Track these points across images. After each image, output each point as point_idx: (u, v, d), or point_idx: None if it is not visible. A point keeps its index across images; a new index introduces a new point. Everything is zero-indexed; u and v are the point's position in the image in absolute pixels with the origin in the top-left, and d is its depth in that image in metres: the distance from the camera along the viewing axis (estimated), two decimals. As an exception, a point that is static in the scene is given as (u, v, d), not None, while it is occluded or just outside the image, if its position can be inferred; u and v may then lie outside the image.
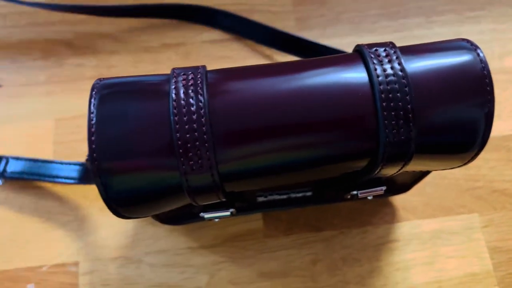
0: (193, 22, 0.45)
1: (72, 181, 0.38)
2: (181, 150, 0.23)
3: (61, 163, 0.39)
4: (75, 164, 0.39)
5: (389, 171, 0.26)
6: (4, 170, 0.39)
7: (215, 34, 0.45)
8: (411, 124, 0.24)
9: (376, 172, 0.26)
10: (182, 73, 0.25)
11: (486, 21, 0.45)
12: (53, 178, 0.39)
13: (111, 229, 0.39)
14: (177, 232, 0.38)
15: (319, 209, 0.39)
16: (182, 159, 0.23)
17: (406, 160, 0.25)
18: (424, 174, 0.34)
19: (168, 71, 0.44)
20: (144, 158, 0.24)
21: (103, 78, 0.26)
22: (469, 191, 0.39)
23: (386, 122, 0.24)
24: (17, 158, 0.39)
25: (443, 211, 0.39)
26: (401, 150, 0.24)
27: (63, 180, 0.38)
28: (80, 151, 0.41)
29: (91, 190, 0.40)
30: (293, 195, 0.37)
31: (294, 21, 0.46)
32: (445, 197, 0.39)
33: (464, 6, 0.46)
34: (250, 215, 0.39)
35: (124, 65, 0.44)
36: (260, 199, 0.36)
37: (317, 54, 0.42)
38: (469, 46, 0.26)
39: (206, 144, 0.23)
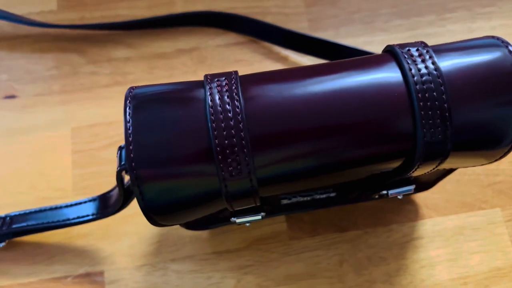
0: (207, 27, 0.45)
1: (87, 218, 0.35)
2: (220, 157, 0.23)
3: (71, 205, 0.36)
4: (85, 202, 0.36)
5: (424, 170, 0.26)
6: (9, 229, 0.36)
7: (229, 38, 0.45)
8: (448, 123, 0.24)
9: (411, 172, 0.26)
10: (215, 79, 0.25)
11: (497, 17, 0.46)
12: (65, 222, 0.36)
13: (135, 237, 0.38)
14: (202, 237, 0.38)
15: (342, 209, 0.39)
16: (221, 165, 0.23)
17: (442, 159, 0.25)
18: (449, 171, 0.34)
19: (184, 77, 0.44)
20: (183, 165, 0.24)
21: (135, 87, 0.26)
22: (490, 186, 0.40)
23: (423, 121, 0.24)
24: (21, 213, 0.36)
25: (465, 207, 0.39)
26: (438, 149, 0.24)
27: (78, 221, 0.35)
28: (99, 160, 0.41)
29: (113, 199, 0.39)
30: (317, 197, 0.37)
31: (307, 22, 0.46)
32: (466, 193, 0.39)
33: (475, 3, 0.46)
34: (274, 218, 0.39)
35: (139, 72, 0.44)
36: (284, 201, 0.36)
37: (334, 54, 0.43)
38: (499, 43, 0.26)
39: (245, 150, 0.23)
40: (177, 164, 0.24)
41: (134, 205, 0.39)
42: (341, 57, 0.36)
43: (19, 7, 0.46)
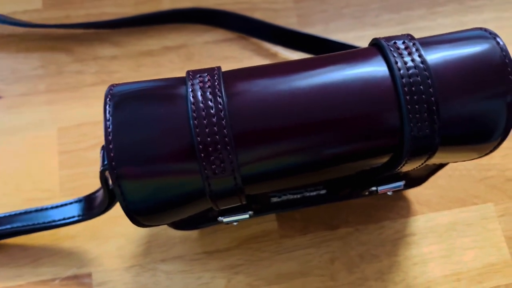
0: (194, 24, 0.45)
1: (72, 220, 0.34)
2: (202, 154, 0.23)
3: (56, 206, 0.35)
4: (71, 203, 0.35)
5: (412, 165, 0.26)
6: None
7: (217, 34, 0.45)
8: (435, 116, 0.23)
9: (399, 167, 0.25)
10: (198, 75, 0.24)
11: (488, 10, 0.45)
12: (50, 224, 0.35)
13: (123, 238, 0.38)
14: (192, 237, 0.38)
15: (333, 207, 0.39)
16: (204, 163, 0.23)
17: (430, 154, 0.25)
18: (440, 166, 0.34)
19: (171, 74, 0.44)
20: (165, 163, 0.23)
21: (116, 84, 0.25)
22: (482, 181, 0.39)
23: (410, 115, 0.23)
24: (6, 215, 0.35)
25: (457, 202, 0.39)
26: (426, 144, 0.24)
27: (63, 222, 0.34)
28: (86, 160, 0.40)
29: (101, 199, 0.39)
30: (307, 194, 0.36)
31: (296, 18, 0.45)
32: (458, 189, 0.39)
33: (466, -4, 0.46)
34: (264, 217, 0.38)
35: (126, 70, 0.43)
36: (274, 199, 0.36)
37: (324, 50, 0.42)
38: (487, 34, 0.25)
39: (228, 147, 0.23)
40: (159, 162, 0.23)
41: (120, 207, 0.39)
42: (331, 52, 0.36)
43: (3, 5, 0.45)
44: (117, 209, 0.38)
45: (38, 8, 0.45)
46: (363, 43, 0.44)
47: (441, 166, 0.34)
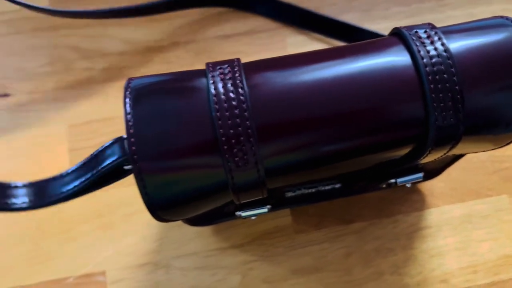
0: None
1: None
2: (225, 147, 0.22)
3: None
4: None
5: (435, 155, 0.25)
6: None
7: (225, 29, 0.44)
8: (459, 105, 0.23)
9: (423, 157, 0.25)
10: (218, 67, 0.24)
11: (497, 1, 0.45)
12: None
13: (136, 235, 0.38)
14: (206, 233, 0.37)
15: (346, 202, 0.38)
16: (227, 156, 0.23)
17: (454, 143, 0.24)
18: (456, 158, 0.33)
19: (180, 70, 0.43)
20: (187, 157, 0.23)
21: (134, 78, 0.25)
22: (496, 173, 0.39)
23: (435, 104, 0.23)
24: None
25: (471, 195, 0.38)
26: (450, 133, 0.24)
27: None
28: (97, 157, 0.40)
29: (114, 198, 0.38)
30: (321, 188, 0.36)
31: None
32: (472, 181, 0.39)
33: (475, -12, 0.46)
34: (278, 212, 0.38)
35: (134, 66, 0.43)
36: (289, 194, 0.36)
37: (351, 37, 0.42)
38: (508, 22, 0.25)
39: (251, 139, 0.23)
40: (181, 156, 0.23)
41: (133, 204, 0.38)
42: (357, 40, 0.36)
43: (10, 3, 0.45)
44: (130, 206, 0.38)
45: (46, 5, 0.45)
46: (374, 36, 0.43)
47: (457, 158, 0.33)
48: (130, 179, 0.39)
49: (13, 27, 0.44)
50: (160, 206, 0.24)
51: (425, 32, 0.24)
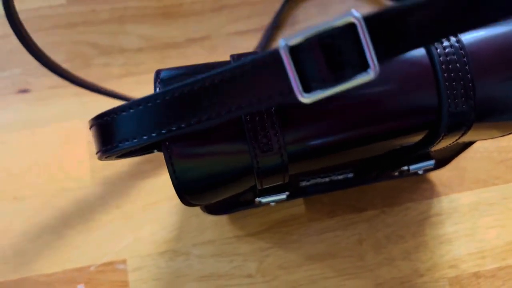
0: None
1: None
2: (251, 133, 0.24)
3: None
4: None
5: (447, 142, 0.27)
6: None
7: (240, 25, 0.46)
8: (471, 93, 0.24)
9: (436, 143, 0.26)
10: (243, 58, 0.25)
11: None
12: None
13: (156, 224, 0.39)
14: (222, 222, 0.39)
15: (358, 191, 0.40)
16: (252, 142, 0.24)
17: (466, 130, 0.26)
18: (465, 146, 0.35)
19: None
20: (215, 143, 0.24)
21: (162, 70, 0.26)
22: (503, 162, 0.40)
23: (448, 92, 0.24)
24: None
25: (479, 183, 0.40)
26: (462, 120, 0.25)
27: None
28: (116, 150, 0.41)
29: (133, 189, 0.40)
30: (334, 178, 0.37)
31: (317, 7, 0.46)
32: (479, 170, 0.40)
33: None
34: (292, 201, 0.40)
35: (152, 62, 0.44)
36: (303, 183, 0.37)
37: None
38: (517, 14, 0.26)
39: (275, 125, 0.24)
40: (210, 141, 0.24)
41: (152, 194, 0.40)
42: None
43: (29, 1, 0.46)
44: (150, 195, 0.40)
45: (63, 3, 0.46)
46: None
47: (465, 147, 0.35)
48: (148, 172, 0.40)
49: (32, 25, 0.46)
50: (189, 191, 0.25)
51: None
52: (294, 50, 0.18)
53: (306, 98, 0.18)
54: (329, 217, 0.39)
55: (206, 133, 0.24)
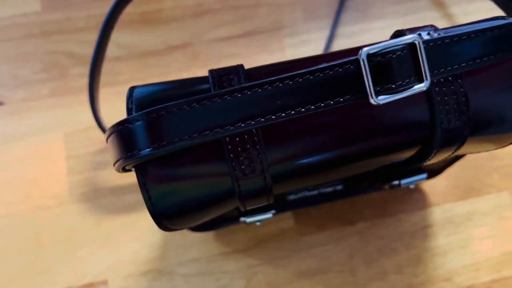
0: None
1: None
2: (231, 155, 0.22)
3: None
4: None
5: (441, 157, 0.25)
6: None
7: (221, 32, 0.44)
8: (464, 108, 0.23)
9: (428, 159, 0.25)
10: (222, 75, 0.24)
11: (492, -2, 0.45)
12: None
13: (138, 243, 0.37)
14: (208, 239, 0.37)
15: (349, 202, 0.38)
16: (233, 163, 0.22)
17: (459, 145, 0.24)
18: (458, 157, 0.33)
19: (178, 74, 0.43)
20: (192, 165, 0.23)
21: (135, 87, 0.24)
22: (495, 170, 0.39)
23: (440, 107, 0.23)
24: None
25: (472, 192, 0.39)
26: (456, 135, 0.24)
27: None
28: (96, 164, 0.39)
29: (113, 206, 0.38)
30: (323, 190, 0.36)
31: (302, 12, 0.45)
32: (472, 179, 0.39)
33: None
34: (280, 214, 0.38)
35: (131, 71, 0.43)
36: (291, 197, 0.36)
37: None
38: (507, 22, 0.25)
39: (258, 147, 0.22)
40: (187, 163, 0.23)
41: (134, 211, 0.38)
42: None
43: (1, 9, 0.44)
44: (130, 214, 0.38)
45: (37, 11, 0.44)
46: (370, 36, 0.44)
47: (458, 157, 0.34)
48: (129, 188, 0.39)
49: (4, 34, 0.43)
50: (166, 216, 0.24)
51: (429, 34, 0.24)
52: (369, 58, 0.20)
53: (375, 101, 0.20)
54: (319, 231, 0.38)
55: (183, 154, 0.22)
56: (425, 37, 0.24)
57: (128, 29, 0.44)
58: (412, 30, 0.25)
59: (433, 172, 0.36)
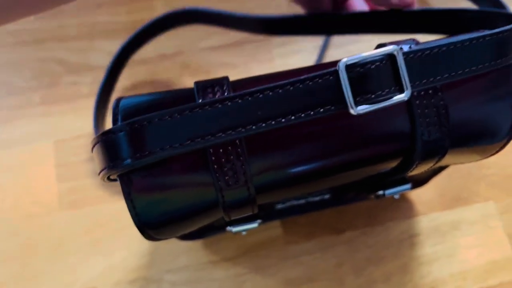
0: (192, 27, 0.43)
1: None
2: (215, 166, 0.22)
3: None
4: None
5: (422, 168, 0.26)
6: None
7: (212, 41, 0.44)
8: (445, 120, 0.23)
9: (410, 171, 0.25)
10: (208, 87, 0.24)
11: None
12: None
13: (127, 250, 0.37)
14: (196, 247, 0.37)
15: (337, 211, 0.39)
16: (217, 174, 0.23)
17: (440, 157, 0.25)
18: (443, 167, 0.34)
19: (168, 82, 0.43)
20: (177, 175, 0.23)
21: (121, 98, 0.25)
22: (482, 179, 0.40)
23: (421, 120, 0.23)
24: None
25: (459, 201, 0.39)
26: (436, 147, 0.24)
27: None
28: (86, 172, 0.39)
29: (102, 213, 0.38)
30: (311, 199, 0.36)
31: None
32: (459, 188, 0.39)
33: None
34: (269, 223, 0.38)
35: (121, 80, 0.43)
36: (279, 206, 0.36)
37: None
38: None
39: (241, 158, 0.23)
40: (172, 174, 0.23)
41: (122, 218, 0.38)
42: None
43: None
44: (118, 221, 0.38)
45: (29, 19, 0.44)
46: (360, 46, 0.44)
47: (444, 167, 0.34)
48: (118, 195, 0.39)
49: (-4, 42, 0.44)
50: (151, 226, 0.24)
51: (410, 47, 0.25)
52: (348, 69, 0.20)
53: (355, 111, 0.20)
54: (307, 239, 0.38)
55: (168, 165, 0.23)
56: (406, 49, 0.25)
57: (119, 37, 0.44)
58: (394, 43, 0.25)
59: (420, 181, 0.36)
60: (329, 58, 0.44)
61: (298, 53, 0.44)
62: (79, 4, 0.45)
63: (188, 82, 0.43)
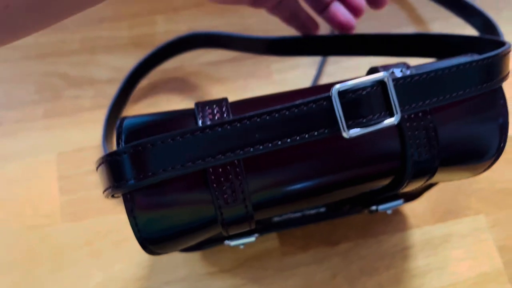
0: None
1: None
2: (214, 185, 0.24)
3: None
4: None
5: (413, 186, 0.27)
6: None
7: (212, 56, 0.46)
8: (434, 142, 0.25)
9: (401, 189, 0.26)
10: (207, 107, 0.25)
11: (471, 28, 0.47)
12: None
13: (126, 262, 0.38)
14: (195, 258, 0.38)
15: (332, 223, 0.40)
16: (216, 193, 0.24)
17: (430, 176, 0.26)
18: (432, 184, 0.35)
19: (168, 97, 0.44)
20: (178, 193, 0.24)
21: (125, 118, 0.26)
22: (473, 193, 0.41)
23: (411, 141, 0.24)
24: None
25: (451, 215, 0.40)
26: (426, 167, 0.25)
27: None
28: (87, 184, 0.40)
29: (102, 225, 0.39)
30: (307, 213, 0.37)
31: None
32: (450, 201, 0.41)
33: (450, 14, 0.48)
34: (265, 235, 0.39)
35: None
36: (275, 219, 0.37)
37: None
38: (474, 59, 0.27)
39: (239, 177, 0.24)
40: (173, 192, 0.24)
41: (123, 230, 0.39)
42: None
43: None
44: (119, 233, 0.39)
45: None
46: (357, 62, 0.45)
47: (433, 184, 0.35)
48: (119, 208, 0.40)
49: (0, 55, 0.45)
50: (152, 242, 0.25)
51: (401, 71, 0.26)
52: (341, 95, 0.21)
53: (347, 134, 0.22)
54: (303, 251, 0.39)
55: (169, 183, 0.24)
56: (398, 74, 0.26)
57: (121, 52, 0.45)
58: (385, 67, 0.27)
59: (412, 196, 0.37)
60: (325, 73, 0.45)
61: (295, 68, 0.46)
62: (81, 19, 0.46)
63: (187, 96, 0.44)
